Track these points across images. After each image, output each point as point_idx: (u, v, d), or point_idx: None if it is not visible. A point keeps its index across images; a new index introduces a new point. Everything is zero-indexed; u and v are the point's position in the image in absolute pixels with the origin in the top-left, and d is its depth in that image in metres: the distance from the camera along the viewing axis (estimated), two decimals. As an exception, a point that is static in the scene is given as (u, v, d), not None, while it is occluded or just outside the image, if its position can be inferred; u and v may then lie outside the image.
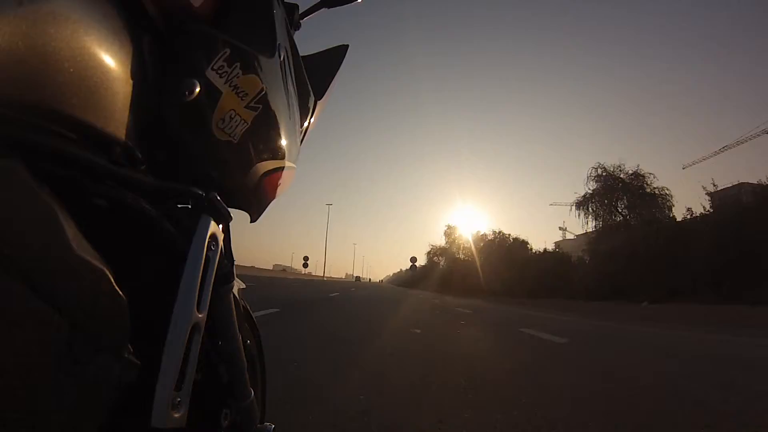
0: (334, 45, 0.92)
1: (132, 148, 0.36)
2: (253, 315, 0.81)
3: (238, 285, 0.63)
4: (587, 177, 24.75)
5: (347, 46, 0.92)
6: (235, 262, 0.53)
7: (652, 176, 22.98)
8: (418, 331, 4.61)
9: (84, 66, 0.29)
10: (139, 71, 0.35)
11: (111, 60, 0.32)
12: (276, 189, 0.63)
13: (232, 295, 0.54)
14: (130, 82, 0.34)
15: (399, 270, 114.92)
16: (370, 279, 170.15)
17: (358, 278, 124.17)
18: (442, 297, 20.79)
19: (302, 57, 0.75)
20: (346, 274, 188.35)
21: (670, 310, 10.94)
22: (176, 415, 0.35)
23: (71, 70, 0.27)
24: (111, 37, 0.32)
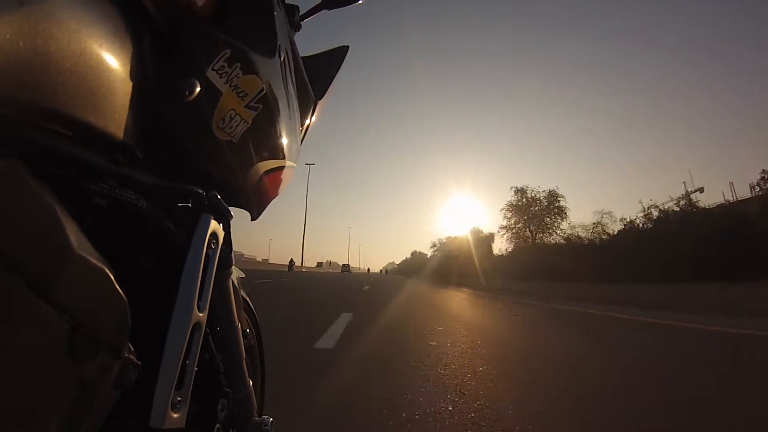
0: (335, 46, 0.93)
1: (132, 147, 0.36)
2: (252, 305, 0.80)
3: (237, 273, 0.63)
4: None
5: (347, 47, 0.92)
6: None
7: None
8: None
9: (84, 66, 0.29)
10: (139, 71, 0.35)
11: (111, 60, 0.32)
12: (276, 188, 0.63)
13: (231, 283, 0.53)
14: (131, 81, 0.34)
15: (417, 251, 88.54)
16: (368, 269, 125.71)
17: (346, 267, 76.44)
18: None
19: (303, 58, 0.75)
20: (318, 262, 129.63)
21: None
22: (175, 416, 0.35)
23: (71, 70, 0.27)
24: (111, 37, 0.32)
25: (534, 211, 26.72)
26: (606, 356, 2.93)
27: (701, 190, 24.34)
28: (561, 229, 24.69)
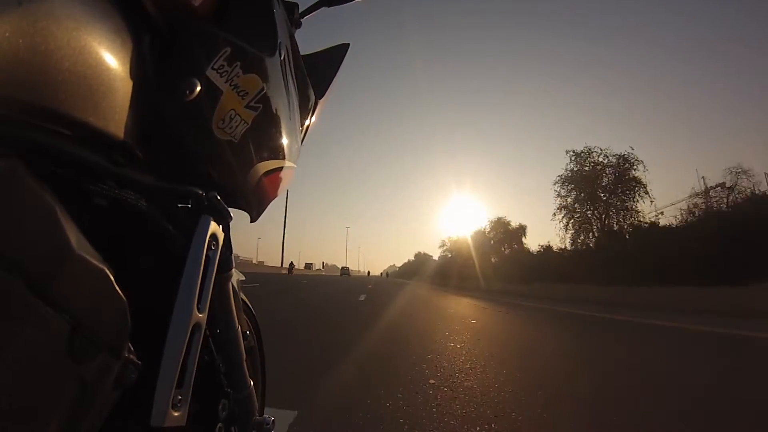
0: (335, 44, 0.92)
1: (132, 147, 0.36)
2: (251, 306, 0.81)
3: (237, 276, 0.63)
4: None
5: (348, 44, 0.92)
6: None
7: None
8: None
9: (84, 66, 0.28)
10: (139, 70, 0.35)
11: (111, 59, 0.31)
12: (276, 189, 0.62)
13: (230, 286, 0.54)
14: (130, 81, 0.34)
15: (421, 252, 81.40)
16: (369, 272, 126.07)
17: (345, 270, 75.94)
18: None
19: (303, 56, 0.74)
20: (306, 263, 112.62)
21: None
22: (176, 414, 0.36)
23: (71, 69, 0.27)
24: (111, 37, 0.32)
25: (601, 185, 17.33)
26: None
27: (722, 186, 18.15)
28: (637, 211, 16.39)
